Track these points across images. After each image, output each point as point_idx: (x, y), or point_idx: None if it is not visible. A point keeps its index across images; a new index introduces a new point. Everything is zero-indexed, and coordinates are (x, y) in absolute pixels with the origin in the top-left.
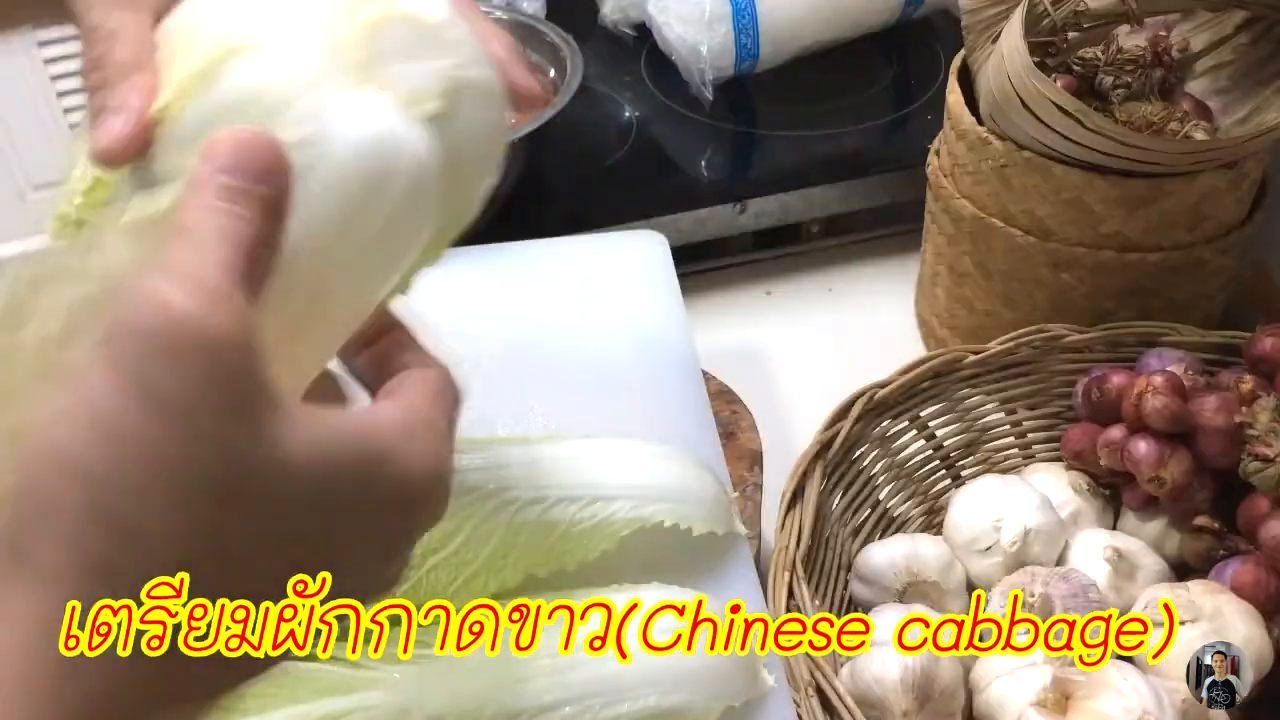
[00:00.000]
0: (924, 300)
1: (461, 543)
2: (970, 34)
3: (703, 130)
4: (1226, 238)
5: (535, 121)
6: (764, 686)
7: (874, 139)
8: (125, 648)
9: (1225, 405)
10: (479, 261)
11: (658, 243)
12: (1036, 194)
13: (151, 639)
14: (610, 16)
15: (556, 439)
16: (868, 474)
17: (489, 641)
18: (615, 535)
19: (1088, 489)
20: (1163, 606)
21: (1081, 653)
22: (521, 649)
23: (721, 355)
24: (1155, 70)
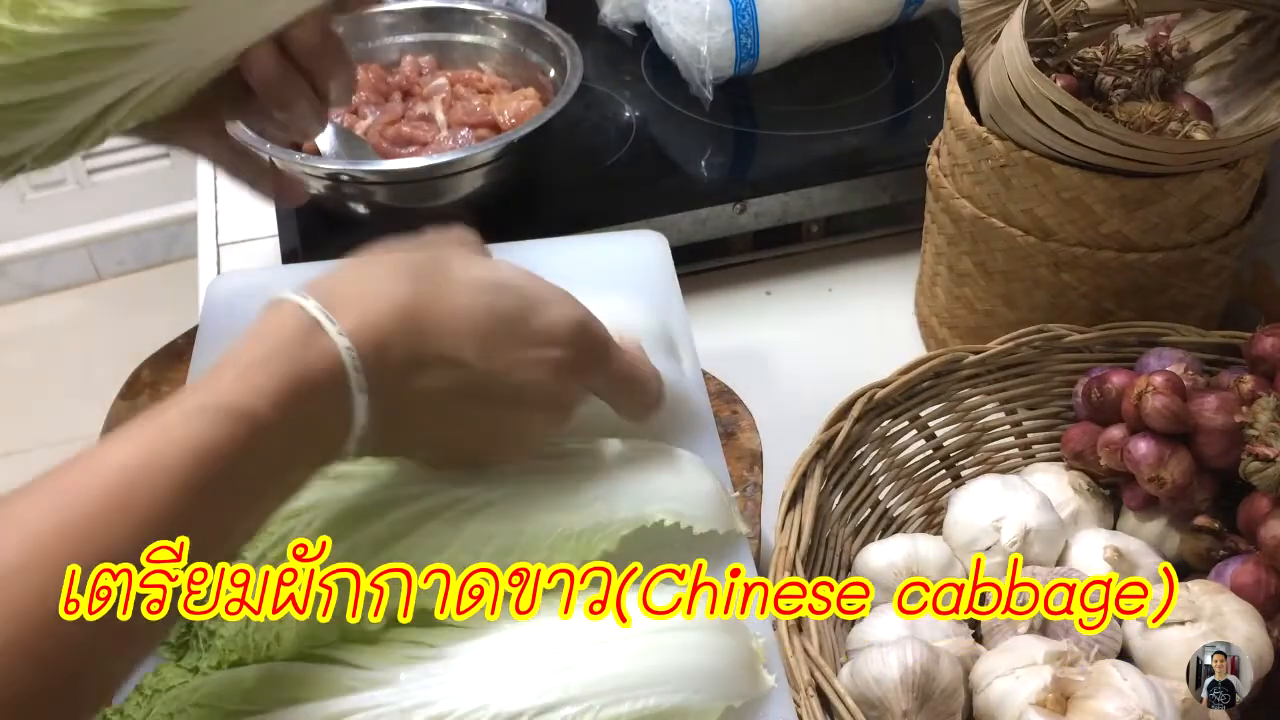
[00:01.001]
0: (924, 300)
1: (463, 543)
2: (970, 34)
3: (703, 130)
4: (1226, 238)
5: (535, 121)
6: (765, 687)
7: (874, 139)
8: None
9: (1225, 405)
10: None
11: (658, 243)
12: (1036, 194)
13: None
14: (610, 16)
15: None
16: (868, 474)
17: (489, 606)
18: (616, 535)
19: (1088, 489)
20: (1162, 570)
21: (1081, 616)
22: (521, 613)
23: (721, 355)
24: (1155, 70)
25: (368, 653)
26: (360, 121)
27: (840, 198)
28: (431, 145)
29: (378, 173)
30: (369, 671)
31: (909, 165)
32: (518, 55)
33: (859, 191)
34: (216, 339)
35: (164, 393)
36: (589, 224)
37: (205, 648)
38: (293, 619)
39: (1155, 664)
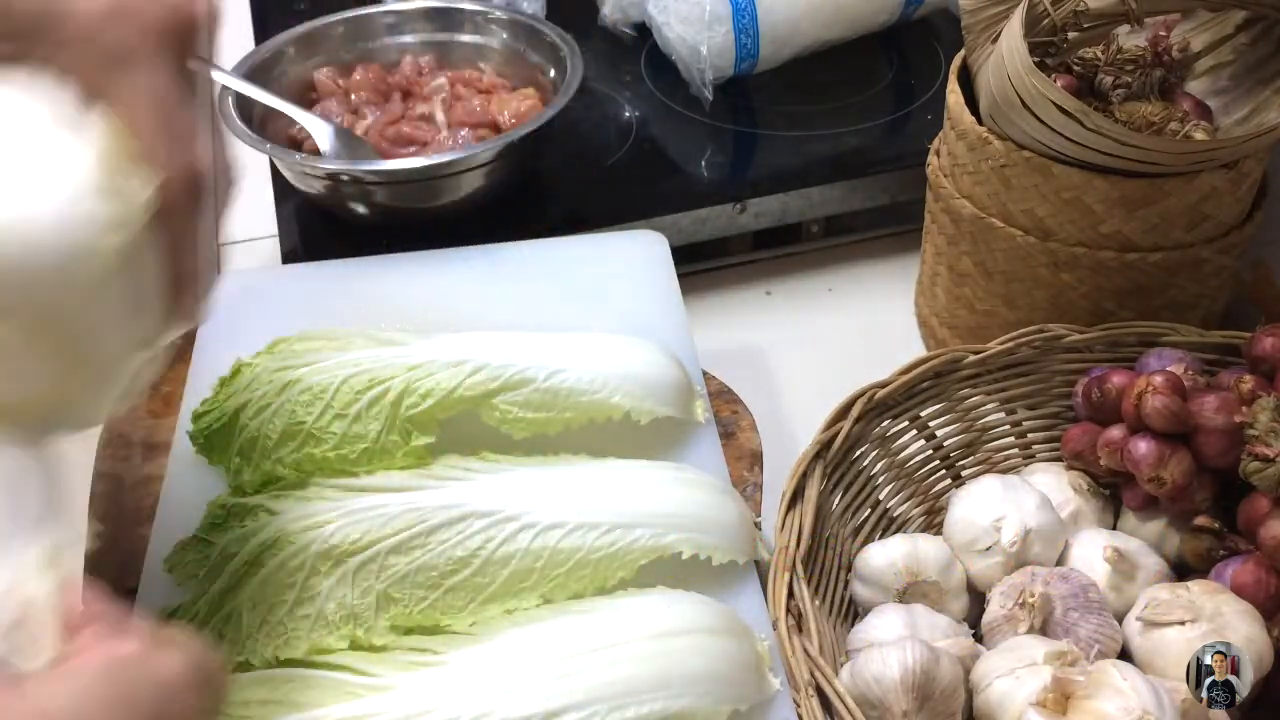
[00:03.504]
0: (924, 300)
1: (480, 565)
2: (970, 34)
3: (703, 130)
4: (1226, 238)
5: (535, 121)
6: (770, 690)
7: (874, 139)
8: None
9: (1225, 405)
10: (479, 261)
11: (658, 243)
12: (1036, 194)
13: None
14: (610, 16)
15: (577, 461)
16: (868, 474)
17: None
18: (634, 564)
19: (1088, 489)
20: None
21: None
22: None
23: (721, 355)
24: (1155, 70)
25: (372, 659)
26: (360, 121)
27: (840, 198)
28: (431, 145)
29: (378, 173)
30: (373, 678)
31: (909, 165)
32: (518, 55)
33: (859, 191)
34: (216, 339)
35: (164, 392)
36: (589, 224)
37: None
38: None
39: (1155, 664)
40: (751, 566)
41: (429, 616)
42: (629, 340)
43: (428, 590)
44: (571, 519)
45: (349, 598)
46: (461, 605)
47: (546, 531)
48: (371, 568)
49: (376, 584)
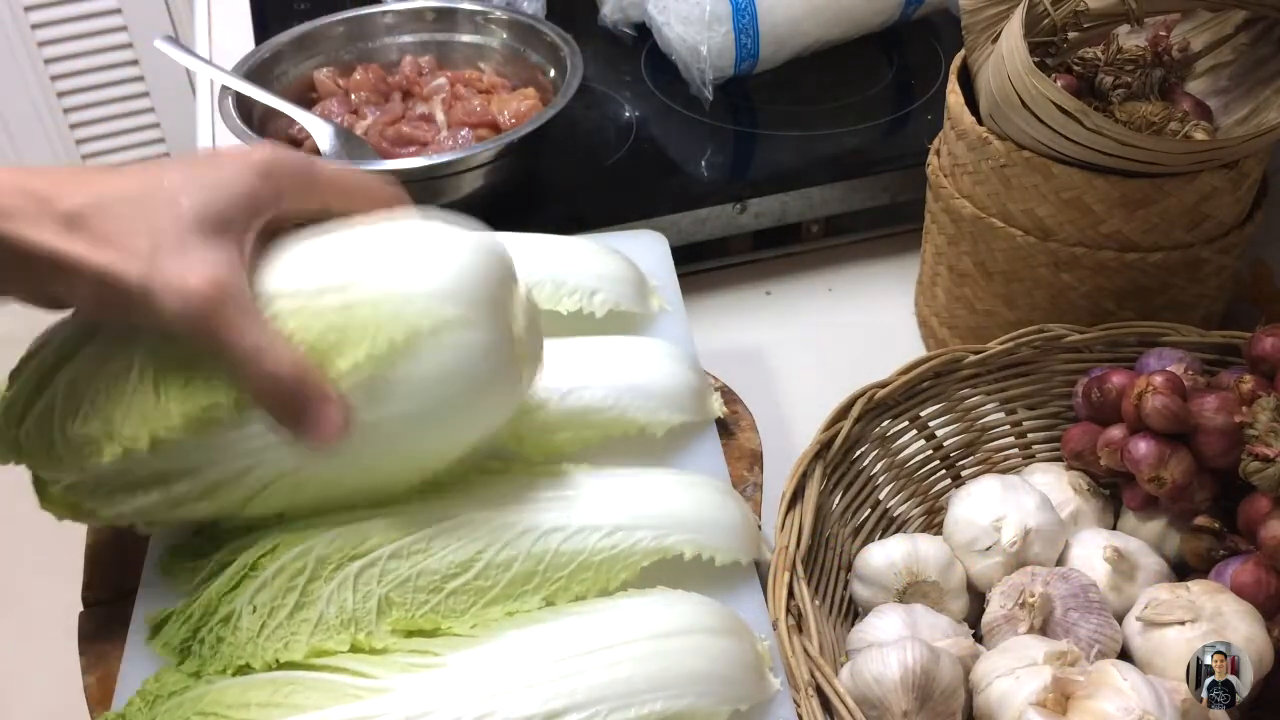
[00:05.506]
0: (924, 300)
1: (482, 568)
2: (970, 34)
3: (703, 130)
4: (1226, 238)
5: (535, 121)
6: (771, 690)
7: (874, 139)
8: None
9: (1225, 405)
10: None
11: (658, 243)
12: (1036, 194)
13: None
14: (610, 16)
15: (579, 464)
16: (868, 474)
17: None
18: (636, 566)
19: (1088, 489)
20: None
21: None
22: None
23: (721, 355)
24: (1155, 70)
25: (372, 661)
26: (360, 121)
27: (840, 198)
28: (431, 145)
29: (378, 173)
30: (373, 679)
31: (909, 165)
32: (518, 55)
33: (859, 191)
34: None
35: None
36: (589, 224)
37: (212, 654)
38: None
39: (1155, 664)
40: (752, 567)
41: (430, 620)
42: (639, 344)
43: (429, 594)
44: (574, 522)
45: (350, 602)
46: (463, 608)
47: (548, 534)
48: (372, 572)
49: (377, 588)
